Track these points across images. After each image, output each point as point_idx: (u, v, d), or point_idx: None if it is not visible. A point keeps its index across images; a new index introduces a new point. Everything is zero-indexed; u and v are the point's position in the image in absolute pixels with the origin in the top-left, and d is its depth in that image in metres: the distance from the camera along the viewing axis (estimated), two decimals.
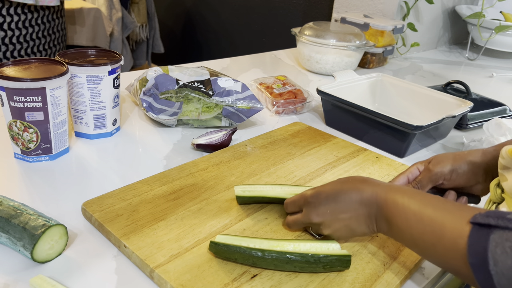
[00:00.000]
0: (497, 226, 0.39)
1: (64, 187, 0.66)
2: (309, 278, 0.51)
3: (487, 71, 1.54)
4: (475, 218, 0.41)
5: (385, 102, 1.03)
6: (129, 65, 2.54)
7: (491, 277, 0.38)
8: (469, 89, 1.06)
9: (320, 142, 0.85)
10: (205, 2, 2.65)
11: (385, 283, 0.51)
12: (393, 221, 0.48)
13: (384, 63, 1.49)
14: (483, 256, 0.38)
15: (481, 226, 0.40)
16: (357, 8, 1.59)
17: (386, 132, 0.84)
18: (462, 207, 0.44)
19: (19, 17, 1.53)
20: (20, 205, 0.54)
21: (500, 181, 0.54)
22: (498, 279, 0.37)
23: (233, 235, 0.53)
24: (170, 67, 0.90)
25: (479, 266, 0.39)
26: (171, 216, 0.59)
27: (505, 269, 0.37)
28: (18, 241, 0.50)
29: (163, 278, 0.48)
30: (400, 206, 0.48)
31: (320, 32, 1.26)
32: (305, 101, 1.00)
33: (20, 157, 0.71)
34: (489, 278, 0.38)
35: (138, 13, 2.62)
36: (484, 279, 0.39)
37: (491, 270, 0.38)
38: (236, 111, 0.85)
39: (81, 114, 0.78)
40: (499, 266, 0.37)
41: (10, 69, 0.67)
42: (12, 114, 0.67)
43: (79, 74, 0.74)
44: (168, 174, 0.68)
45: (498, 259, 0.37)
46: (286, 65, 1.40)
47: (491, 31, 1.57)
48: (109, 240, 0.56)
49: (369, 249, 0.57)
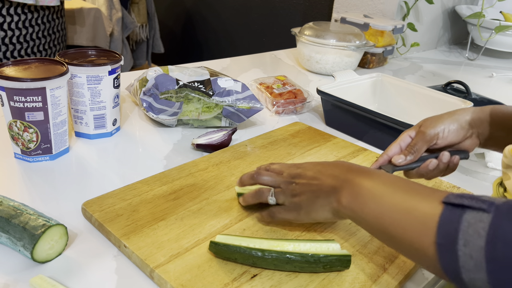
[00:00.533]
0: (471, 207, 0.37)
1: (64, 187, 0.66)
2: (309, 278, 0.51)
3: (487, 71, 1.54)
4: (448, 198, 0.40)
5: (385, 102, 1.03)
6: (129, 65, 2.54)
7: (457, 258, 0.36)
8: (469, 89, 1.06)
9: (320, 142, 0.85)
10: (205, 2, 2.65)
11: (385, 283, 0.51)
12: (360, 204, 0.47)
13: (384, 63, 1.49)
14: (453, 236, 0.37)
15: (454, 206, 0.39)
16: (357, 8, 1.59)
17: (386, 132, 0.84)
18: (435, 189, 0.43)
19: (19, 17, 1.53)
20: (20, 205, 0.54)
21: (502, 180, 0.55)
22: (464, 261, 0.36)
23: (233, 235, 0.53)
24: (170, 67, 0.90)
25: (446, 246, 0.37)
26: (171, 216, 0.59)
27: (474, 251, 0.35)
28: (18, 241, 0.50)
29: (163, 278, 0.48)
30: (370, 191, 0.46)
31: (320, 32, 1.26)
32: (305, 101, 1.00)
33: (20, 157, 0.71)
34: (454, 260, 0.36)
35: (138, 13, 2.62)
36: (448, 262, 0.37)
37: (459, 250, 0.36)
38: (236, 111, 0.85)
39: (81, 114, 0.78)
40: (468, 247, 0.36)
41: (10, 69, 0.67)
42: (12, 114, 0.67)
43: (79, 74, 0.74)
44: (168, 174, 0.69)
45: (469, 239, 0.36)
46: (286, 65, 1.40)
47: (491, 31, 1.57)
48: (109, 240, 0.56)
49: (369, 249, 0.57)
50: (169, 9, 2.94)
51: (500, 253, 0.34)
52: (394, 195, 0.44)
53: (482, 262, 0.35)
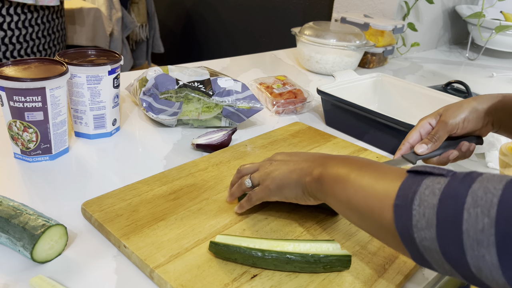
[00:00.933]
0: (432, 173, 0.39)
1: (64, 187, 0.66)
2: (309, 278, 0.51)
3: (487, 71, 1.54)
4: (412, 168, 0.41)
5: (385, 102, 1.03)
6: (129, 65, 2.54)
7: (411, 217, 0.37)
8: (470, 89, 1.06)
9: (320, 142, 0.85)
10: (205, 2, 2.65)
11: (385, 283, 0.51)
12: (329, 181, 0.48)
13: (384, 63, 1.49)
14: (411, 198, 0.37)
15: (417, 174, 0.40)
16: (357, 8, 1.58)
17: (386, 132, 0.84)
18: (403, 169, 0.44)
19: (19, 17, 1.53)
20: (19, 205, 0.53)
21: None
22: (417, 220, 0.36)
23: (233, 235, 0.53)
24: (170, 67, 0.90)
25: (402, 207, 0.38)
26: (171, 216, 0.59)
27: (428, 209, 0.36)
28: (18, 241, 0.50)
29: (163, 278, 0.48)
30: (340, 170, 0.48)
31: (320, 32, 1.26)
32: (305, 101, 1.00)
33: (20, 157, 0.71)
34: (408, 219, 0.37)
35: (138, 13, 2.62)
36: (403, 222, 0.38)
37: (413, 210, 0.37)
38: (236, 111, 0.85)
39: (81, 114, 0.78)
40: (423, 206, 0.36)
41: (10, 69, 0.67)
42: (11, 114, 0.67)
43: (79, 74, 0.74)
44: (168, 174, 0.68)
45: (424, 199, 0.37)
46: (286, 65, 1.40)
47: (491, 31, 1.57)
48: (109, 240, 0.56)
49: (369, 249, 0.56)
50: (169, 9, 2.94)
51: (449, 209, 0.35)
52: (365, 173, 0.45)
53: (433, 219, 0.35)
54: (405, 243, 0.38)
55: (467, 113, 0.64)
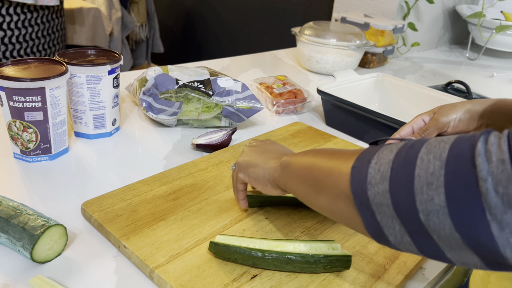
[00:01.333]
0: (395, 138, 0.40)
1: (63, 187, 0.66)
2: (309, 278, 0.51)
3: (488, 71, 1.54)
4: (375, 140, 0.42)
5: (385, 102, 1.03)
6: (128, 65, 2.54)
7: (367, 175, 0.37)
8: (470, 89, 1.06)
9: (320, 142, 0.85)
10: (205, 2, 2.65)
11: (385, 284, 0.51)
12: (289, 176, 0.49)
13: (384, 63, 1.49)
14: (369, 159, 0.38)
15: (378, 142, 0.41)
16: (357, 8, 1.58)
17: (387, 132, 0.84)
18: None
19: (19, 17, 1.53)
20: (19, 205, 0.53)
21: None
22: (371, 177, 0.36)
23: (233, 236, 0.53)
24: (170, 67, 0.90)
25: (359, 168, 0.38)
26: (171, 216, 0.58)
27: (383, 164, 0.36)
28: (17, 241, 0.50)
29: (162, 279, 0.48)
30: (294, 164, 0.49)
31: (320, 32, 1.26)
32: (305, 101, 1.00)
33: (20, 157, 0.71)
34: (364, 177, 0.37)
35: (138, 12, 2.62)
36: (357, 181, 0.37)
37: (369, 168, 0.37)
38: (236, 111, 0.85)
39: (80, 114, 0.78)
40: (379, 163, 0.36)
41: (10, 69, 0.67)
42: (11, 114, 0.66)
43: (78, 74, 0.74)
44: (168, 174, 0.68)
45: (381, 156, 0.37)
46: (286, 65, 1.40)
47: (492, 31, 1.57)
48: (108, 241, 0.56)
49: (369, 249, 0.56)
50: (169, 9, 2.94)
51: (403, 159, 0.35)
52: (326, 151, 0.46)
53: (387, 171, 0.35)
54: (358, 205, 0.38)
55: (460, 114, 0.64)
